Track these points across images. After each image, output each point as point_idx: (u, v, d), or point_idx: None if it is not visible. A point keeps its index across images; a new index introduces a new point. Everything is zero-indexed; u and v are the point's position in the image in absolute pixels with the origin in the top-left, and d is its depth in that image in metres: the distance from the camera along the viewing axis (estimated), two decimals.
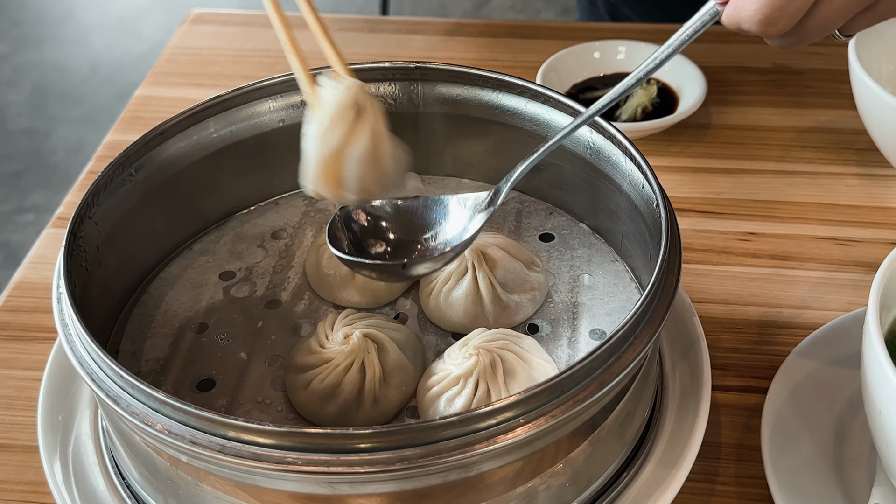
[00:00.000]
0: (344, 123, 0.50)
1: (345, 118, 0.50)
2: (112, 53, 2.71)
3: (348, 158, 0.50)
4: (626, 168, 0.57)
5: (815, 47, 0.85)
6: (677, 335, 0.57)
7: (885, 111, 0.63)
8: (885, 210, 0.69)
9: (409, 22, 0.95)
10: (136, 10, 2.98)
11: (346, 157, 0.50)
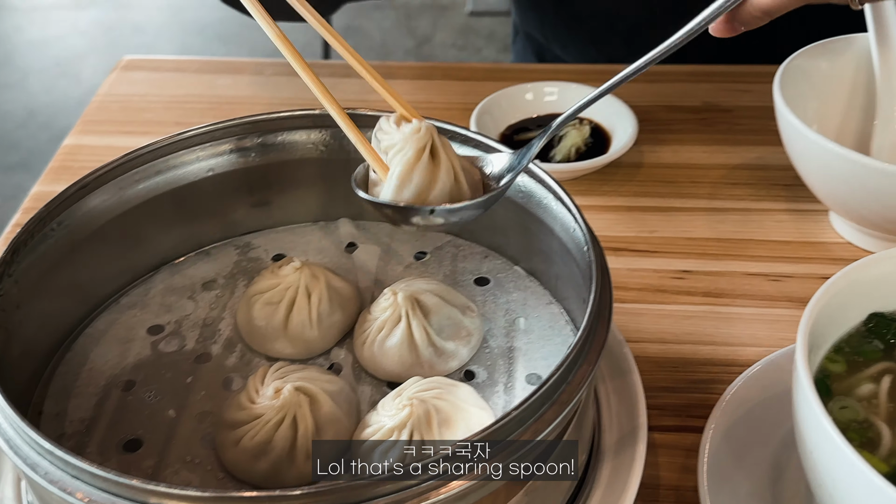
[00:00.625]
0: (422, 168, 0.49)
1: (422, 163, 0.49)
2: (50, 97, 2.67)
3: (432, 197, 0.49)
4: (557, 211, 0.57)
5: (743, 85, 0.87)
6: (613, 377, 0.57)
7: (810, 148, 0.64)
8: (814, 245, 0.70)
9: (344, 66, 0.95)
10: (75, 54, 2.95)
11: (430, 198, 0.49)
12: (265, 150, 0.62)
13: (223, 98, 0.89)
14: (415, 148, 0.49)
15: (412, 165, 0.49)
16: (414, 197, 0.49)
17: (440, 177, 0.49)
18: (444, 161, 0.50)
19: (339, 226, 0.66)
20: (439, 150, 0.50)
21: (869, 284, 0.50)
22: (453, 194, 0.50)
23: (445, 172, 0.49)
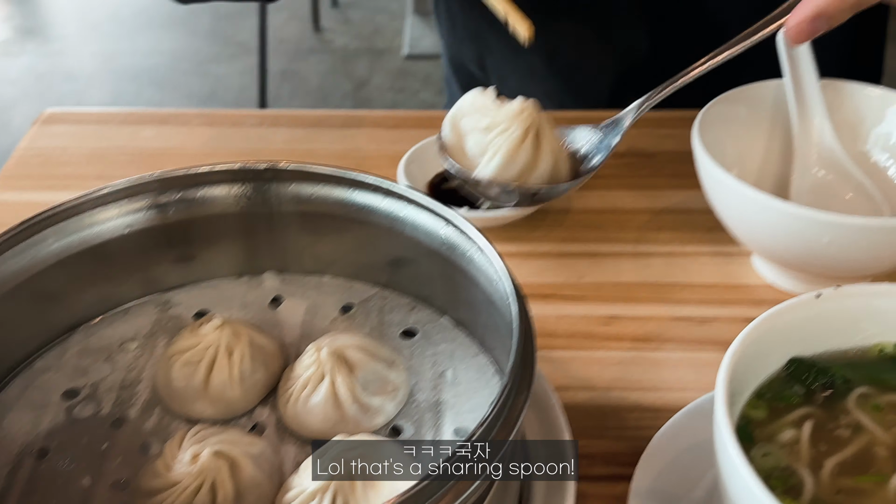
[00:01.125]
0: (526, 149, 0.50)
1: (527, 145, 0.50)
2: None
3: (533, 178, 0.50)
4: (480, 262, 0.57)
5: (666, 129, 0.88)
6: (540, 428, 0.57)
7: (729, 194, 0.65)
8: (738, 287, 0.71)
9: (271, 115, 0.94)
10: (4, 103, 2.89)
11: (531, 179, 0.50)
12: (185, 205, 0.61)
13: (147, 150, 0.88)
14: (522, 128, 0.50)
15: (518, 146, 0.50)
16: (516, 176, 0.50)
17: (542, 159, 0.50)
18: (546, 144, 0.51)
19: (263, 280, 0.65)
20: (544, 132, 0.51)
21: (788, 329, 0.51)
22: (553, 176, 0.51)
23: (548, 154, 0.51)
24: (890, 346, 0.52)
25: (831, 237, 0.60)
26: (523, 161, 0.49)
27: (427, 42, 3.22)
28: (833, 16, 0.47)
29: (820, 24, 0.47)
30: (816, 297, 0.51)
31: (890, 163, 0.72)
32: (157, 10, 3.45)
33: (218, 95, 2.96)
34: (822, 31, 0.48)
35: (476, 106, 0.50)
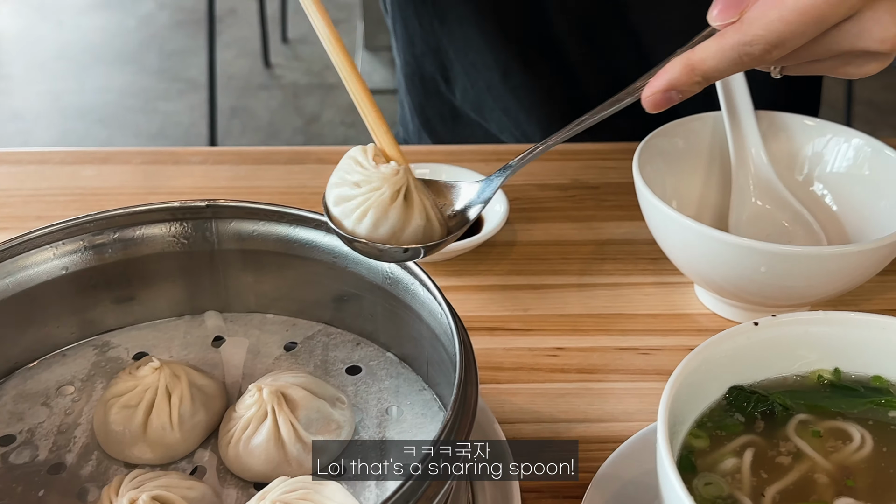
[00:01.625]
0: (397, 209, 0.51)
1: (397, 204, 0.51)
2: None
3: (405, 236, 0.52)
4: (423, 297, 0.56)
5: (609, 162, 0.89)
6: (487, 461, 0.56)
7: (669, 225, 0.66)
8: (681, 317, 0.72)
9: (215, 152, 0.94)
10: None
11: (403, 237, 0.51)
12: (123, 245, 0.60)
13: (87, 189, 0.87)
14: (392, 189, 0.51)
15: (388, 206, 0.51)
16: (388, 235, 0.51)
17: (414, 217, 0.52)
18: (417, 203, 0.52)
19: (205, 319, 0.64)
20: (413, 193, 0.52)
21: (727, 358, 0.51)
22: (426, 233, 0.52)
23: (419, 213, 0.52)
24: (828, 373, 0.53)
25: (768, 266, 0.61)
26: (394, 219, 0.51)
27: (378, 76, 3.23)
28: (683, 90, 0.49)
29: (673, 96, 0.50)
30: (754, 326, 0.52)
31: (826, 192, 0.74)
32: (104, 48, 3.43)
33: (166, 132, 2.94)
34: (676, 101, 0.51)
35: (353, 162, 0.52)
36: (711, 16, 0.49)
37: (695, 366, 0.49)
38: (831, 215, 0.73)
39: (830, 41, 0.48)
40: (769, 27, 0.47)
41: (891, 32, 0.47)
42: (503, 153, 0.92)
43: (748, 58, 0.48)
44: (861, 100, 2.84)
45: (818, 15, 0.46)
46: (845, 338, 0.53)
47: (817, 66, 0.51)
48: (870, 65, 0.50)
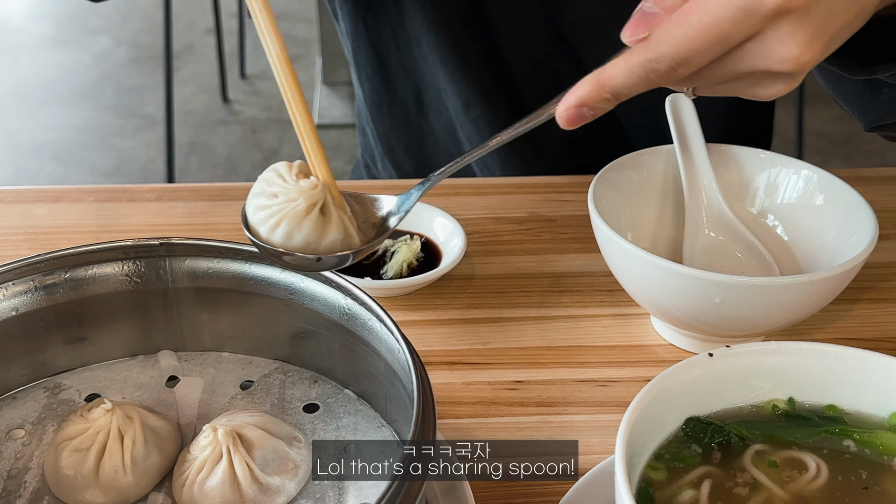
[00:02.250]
0: (311, 221, 0.52)
1: (311, 217, 0.52)
2: None
3: (322, 247, 0.53)
4: (380, 333, 0.56)
5: (565, 195, 0.90)
6: (445, 499, 0.56)
7: (624, 257, 0.66)
8: (638, 348, 0.72)
9: (170, 189, 0.93)
10: None
11: (319, 248, 0.53)
12: (75, 284, 0.59)
13: (40, 228, 0.85)
14: (307, 203, 0.52)
15: (302, 217, 0.52)
16: (302, 246, 0.52)
17: (331, 230, 0.53)
18: (335, 218, 0.53)
19: (159, 358, 0.63)
20: (331, 209, 0.53)
21: (683, 389, 0.52)
22: (345, 246, 0.53)
23: (336, 227, 0.53)
24: (783, 403, 0.53)
25: (722, 297, 0.62)
26: (308, 231, 0.52)
27: (337, 111, 3.24)
28: (594, 107, 0.50)
29: (584, 112, 0.50)
30: (709, 357, 0.52)
31: (777, 223, 0.75)
32: (60, 85, 3.40)
33: (123, 169, 2.92)
34: (589, 119, 0.51)
35: (276, 174, 0.54)
36: (624, 34, 0.49)
37: (651, 397, 0.50)
38: (783, 245, 0.74)
39: (734, 61, 0.48)
40: (674, 44, 0.47)
41: (792, 53, 0.47)
42: (461, 186, 0.92)
43: (655, 75, 0.48)
44: (812, 131, 2.90)
45: (721, 33, 0.46)
46: (799, 368, 0.53)
47: (726, 87, 0.51)
48: (776, 86, 0.50)
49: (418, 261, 0.80)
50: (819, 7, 0.46)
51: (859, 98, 0.68)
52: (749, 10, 0.46)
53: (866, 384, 0.53)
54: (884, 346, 0.72)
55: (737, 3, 0.46)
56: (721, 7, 0.46)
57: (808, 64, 0.48)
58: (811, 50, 0.47)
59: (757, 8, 0.46)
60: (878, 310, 0.76)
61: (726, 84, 0.51)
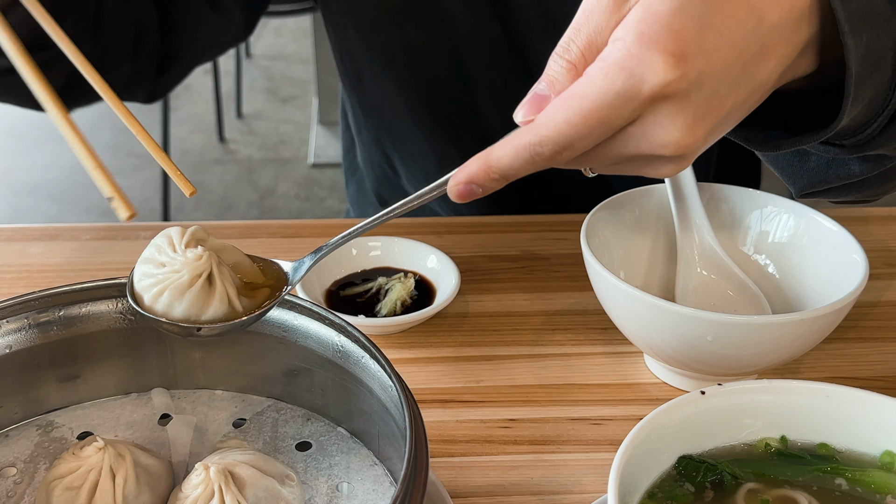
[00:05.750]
0: (193, 293, 0.53)
1: (195, 289, 0.53)
2: None
3: (205, 317, 0.53)
4: (374, 370, 0.56)
5: (559, 233, 0.91)
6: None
7: (617, 295, 0.66)
8: (632, 386, 0.72)
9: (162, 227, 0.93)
10: None
11: (203, 317, 0.53)
12: (68, 322, 0.59)
13: (35, 266, 0.86)
14: (190, 275, 0.53)
15: (185, 289, 0.53)
16: (183, 316, 0.53)
17: (213, 303, 0.53)
18: (219, 289, 0.53)
19: (152, 396, 0.63)
20: (216, 279, 0.54)
21: (675, 428, 0.52)
22: (228, 316, 0.54)
23: (220, 300, 0.53)
24: (775, 441, 0.54)
25: (714, 335, 0.62)
26: (189, 303, 0.53)
27: (332, 151, 3.26)
28: (482, 185, 0.50)
29: (473, 189, 0.50)
30: (701, 395, 0.52)
31: (768, 261, 0.76)
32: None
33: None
34: (478, 195, 0.51)
35: (167, 241, 0.56)
36: (516, 115, 0.50)
37: (644, 436, 0.50)
38: (775, 284, 0.75)
39: (619, 144, 0.48)
40: (556, 129, 0.47)
41: (672, 137, 0.47)
42: (455, 224, 0.93)
43: (539, 158, 0.48)
44: None
45: (602, 118, 0.46)
46: (791, 406, 0.53)
47: (617, 168, 0.52)
48: (666, 167, 0.50)
49: (412, 299, 0.80)
50: (701, 91, 0.46)
51: (788, 165, 0.68)
52: (628, 96, 0.46)
53: (858, 423, 0.53)
54: (876, 384, 0.72)
55: (615, 88, 0.46)
56: (601, 93, 0.46)
57: (691, 147, 0.48)
58: (692, 134, 0.47)
59: (636, 94, 0.46)
60: (871, 348, 0.76)
61: (617, 165, 0.51)
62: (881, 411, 0.52)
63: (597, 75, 0.47)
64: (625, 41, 0.46)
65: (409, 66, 0.94)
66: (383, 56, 0.95)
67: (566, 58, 0.49)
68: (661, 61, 0.45)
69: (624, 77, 0.46)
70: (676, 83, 0.46)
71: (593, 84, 0.46)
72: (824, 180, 0.66)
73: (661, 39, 0.46)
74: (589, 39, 0.49)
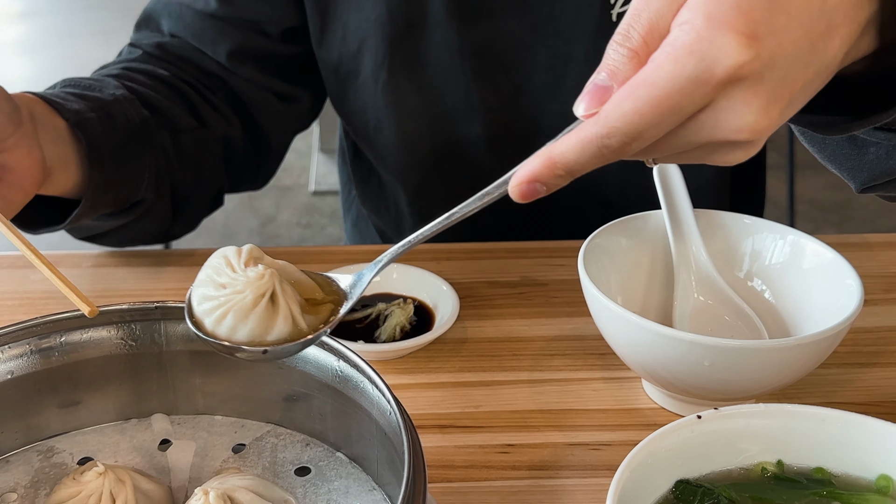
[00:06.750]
0: (258, 313, 0.51)
1: (259, 309, 0.51)
2: None
3: (270, 339, 0.51)
4: (373, 395, 0.57)
5: (557, 259, 0.91)
6: None
7: (615, 321, 0.67)
8: (630, 412, 0.72)
9: (166, 254, 0.94)
10: None
11: (267, 339, 0.51)
12: (70, 348, 0.60)
13: (36, 293, 0.86)
14: (254, 295, 0.51)
15: (249, 310, 0.51)
16: (248, 338, 0.51)
17: (277, 323, 0.51)
18: (283, 308, 0.52)
19: (152, 422, 0.63)
20: (279, 298, 0.52)
21: (672, 452, 0.52)
22: (292, 336, 0.52)
23: (283, 320, 0.52)
24: (771, 465, 0.54)
25: (711, 360, 0.63)
26: (254, 324, 0.51)
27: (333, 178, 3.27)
28: (547, 182, 0.48)
29: (537, 188, 0.48)
30: (698, 420, 0.53)
31: (764, 287, 0.76)
32: None
33: None
34: (543, 194, 0.49)
35: (225, 262, 0.54)
36: (577, 108, 0.48)
37: (640, 460, 0.50)
38: (771, 309, 0.75)
39: (689, 132, 0.47)
40: (625, 119, 0.45)
41: (747, 122, 0.45)
42: (454, 251, 0.93)
43: (608, 150, 0.46)
44: (804, 198, 2.93)
45: (673, 105, 0.45)
46: (787, 430, 0.54)
47: (684, 157, 0.50)
48: (735, 153, 0.48)
49: (411, 324, 0.81)
50: (773, 72, 0.45)
51: (847, 160, 0.67)
52: (700, 80, 0.44)
53: (854, 447, 0.53)
54: (873, 409, 0.72)
55: (686, 73, 0.44)
56: (671, 78, 0.44)
57: (766, 130, 0.46)
58: (767, 117, 0.46)
59: (708, 77, 0.44)
60: (868, 374, 0.77)
61: (684, 154, 0.49)
62: (876, 436, 0.53)
63: (665, 60, 0.45)
64: (693, 24, 0.44)
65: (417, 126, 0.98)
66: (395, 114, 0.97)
67: (627, 45, 0.47)
68: (733, 42, 0.44)
69: (695, 60, 0.44)
70: (750, 64, 0.44)
71: (662, 70, 0.45)
72: (886, 172, 0.65)
73: (732, 20, 0.44)
74: (650, 25, 0.47)
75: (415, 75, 0.94)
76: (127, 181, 0.83)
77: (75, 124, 0.77)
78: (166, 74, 0.92)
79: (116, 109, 0.82)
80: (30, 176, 0.71)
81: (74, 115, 0.77)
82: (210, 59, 0.95)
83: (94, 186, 0.78)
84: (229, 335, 0.51)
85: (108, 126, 0.80)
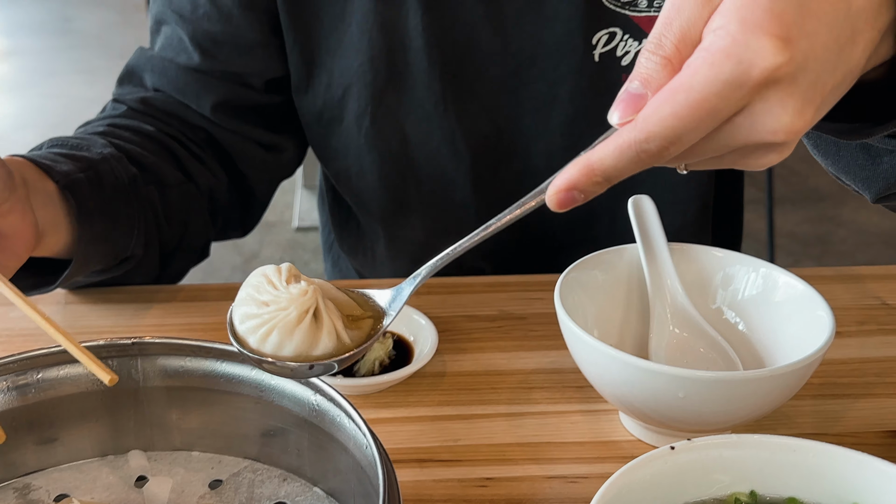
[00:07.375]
0: (303, 330, 0.52)
1: (304, 325, 0.52)
2: None
3: (315, 352, 0.52)
4: (349, 429, 0.57)
5: (535, 293, 0.92)
6: None
7: (591, 354, 0.67)
8: (607, 444, 0.73)
9: (146, 290, 0.94)
10: None
11: (311, 356, 0.52)
12: (46, 385, 0.60)
13: (14, 331, 0.86)
14: (299, 310, 0.52)
15: (294, 327, 0.52)
16: (293, 354, 0.52)
17: (322, 339, 0.52)
18: (326, 324, 0.53)
19: (129, 458, 0.63)
20: (323, 314, 0.53)
21: (645, 483, 0.52)
22: (337, 350, 0.53)
23: (328, 335, 0.53)
24: (744, 496, 0.54)
25: (686, 392, 0.63)
26: (300, 340, 0.52)
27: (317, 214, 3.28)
28: (585, 190, 0.48)
29: (575, 195, 0.49)
30: (671, 451, 0.53)
31: (738, 319, 0.77)
32: None
33: None
34: (579, 202, 0.49)
35: (266, 280, 0.54)
36: (612, 117, 0.48)
37: (615, 493, 0.50)
38: (745, 341, 0.76)
39: (726, 135, 0.47)
40: (663, 123, 0.46)
41: (783, 123, 0.46)
42: (433, 285, 0.94)
43: (646, 155, 0.47)
44: (783, 232, 2.96)
45: (710, 108, 0.45)
46: (759, 461, 0.54)
47: (718, 161, 0.50)
48: (769, 156, 0.49)
49: (390, 358, 0.81)
50: (806, 74, 0.46)
51: (861, 170, 0.68)
52: (737, 83, 0.45)
53: (826, 477, 0.54)
54: (847, 440, 0.73)
55: (723, 76, 0.45)
56: (708, 82, 0.45)
57: (801, 132, 0.47)
58: (802, 118, 0.46)
59: (745, 80, 0.45)
60: (842, 405, 0.77)
61: (717, 158, 0.50)
62: (849, 466, 0.53)
63: (702, 65, 0.45)
64: (727, 29, 0.45)
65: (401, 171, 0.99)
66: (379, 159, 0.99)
67: (660, 53, 0.48)
68: (769, 45, 0.44)
69: (732, 64, 0.45)
70: (785, 66, 0.45)
71: (699, 74, 0.45)
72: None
73: (766, 24, 0.45)
74: (682, 32, 0.47)
75: (398, 120, 0.95)
76: (117, 239, 0.84)
77: (65, 186, 0.77)
78: (152, 129, 0.93)
79: (105, 168, 0.82)
80: (24, 241, 0.71)
81: (64, 178, 0.77)
82: (194, 112, 0.96)
83: (84, 247, 0.79)
84: (275, 352, 0.52)
85: (97, 186, 0.80)
